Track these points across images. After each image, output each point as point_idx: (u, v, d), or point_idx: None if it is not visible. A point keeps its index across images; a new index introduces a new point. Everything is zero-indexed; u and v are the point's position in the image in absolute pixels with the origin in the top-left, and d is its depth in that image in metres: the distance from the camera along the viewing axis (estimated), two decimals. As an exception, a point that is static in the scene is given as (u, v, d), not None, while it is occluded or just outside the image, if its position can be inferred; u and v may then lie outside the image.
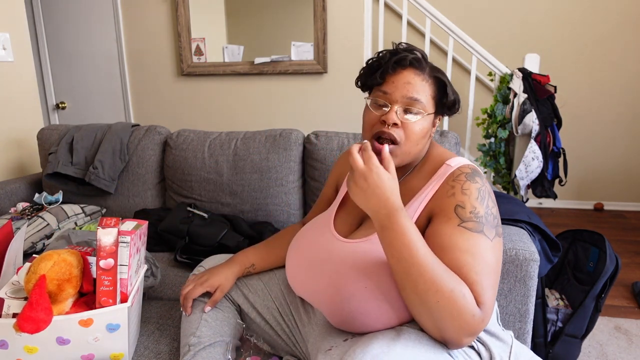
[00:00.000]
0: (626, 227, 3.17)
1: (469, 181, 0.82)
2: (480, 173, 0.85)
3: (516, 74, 2.46)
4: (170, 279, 1.39)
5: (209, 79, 3.06)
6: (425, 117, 0.86)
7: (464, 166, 0.85)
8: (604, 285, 1.44)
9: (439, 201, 0.82)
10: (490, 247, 0.77)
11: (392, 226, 0.72)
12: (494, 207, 0.82)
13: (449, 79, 0.91)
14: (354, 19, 2.79)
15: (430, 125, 0.89)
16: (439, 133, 1.60)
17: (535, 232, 1.24)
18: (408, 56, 0.86)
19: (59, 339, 0.89)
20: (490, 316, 0.73)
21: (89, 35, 3.09)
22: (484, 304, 0.72)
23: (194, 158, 1.73)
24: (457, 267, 0.74)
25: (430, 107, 0.88)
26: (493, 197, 0.84)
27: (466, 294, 0.70)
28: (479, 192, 0.81)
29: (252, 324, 1.05)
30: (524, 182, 2.45)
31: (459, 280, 0.71)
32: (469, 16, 3.52)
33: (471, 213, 0.78)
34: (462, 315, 0.69)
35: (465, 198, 0.80)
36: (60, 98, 3.19)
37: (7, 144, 2.08)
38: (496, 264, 0.77)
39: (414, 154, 0.89)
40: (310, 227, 1.00)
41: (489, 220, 0.79)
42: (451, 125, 3.29)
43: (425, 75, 0.87)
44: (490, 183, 2.55)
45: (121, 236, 0.90)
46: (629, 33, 3.36)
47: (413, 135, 0.85)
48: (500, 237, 0.80)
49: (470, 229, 0.77)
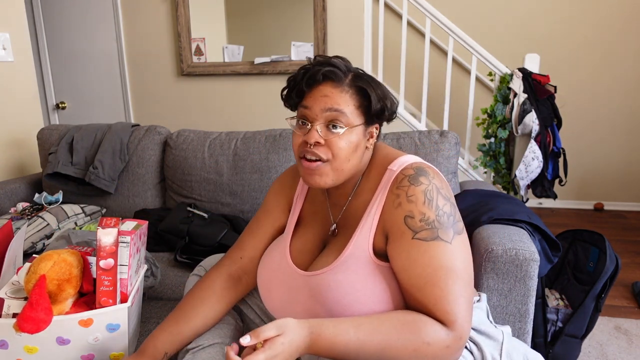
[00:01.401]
0: (626, 227, 3.17)
1: (413, 185, 0.78)
2: (426, 170, 0.80)
3: (516, 74, 2.46)
4: (170, 279, 1.39)
5: (209, 79, 3.06)
6: (350, 130, 0.80)
7: (407, 168, 0.81)
8: (604, 285, 1.44)
9: (389, 215, 0.79)
10: (450, 251, 0.74)
11: (318, 349, 0.70)
12: (445, 204, 0.77)
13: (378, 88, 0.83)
14: (354, 19, 2.78)
15: (362, 136, 0.82)
16: (439, 133, 1.60)
17: (535, 232, 1.24)
18: (320, 70, 0.81)
19: (59, 339, 0.89)
20: (468, 324, 0.72)
21: (89, 35, 3.09)
22: (455, 320, 0.71)
23: (194, 158, 1.73)
24: (420, 286, 0.73)
25: (357, 119, 0.81)
26: (446, 192, 0.79)
27: (431, 340, 0.69)
28: (425, 194, 0.77)
29: (252, 325, 1.05)
30: (524, 182, 2.45)
31: (417, 328, 0.70)
32: (469, 16, 3.52)
33: (421, 221, 0.75)
34: (437, 358, 0.70)
35: (412, 206, 0.76)
36: (60, 98, 3.19)
37: (7, 144, 2.08)
38: (462, 266, 0.74)
39: (348, 170, 0.82)
40: (268, 259, 0.92)
41: (443, 222, 0.75)
42: (451, 125, 3.29)
43: (344, 86, 0.81)
44: (490, 182, 2.56)
45: (121, 236, 0.90)
46: (629, 33, 3.36)
47: (340, 151, 0.79)
48: (460, 234, 0.77)
49: (425, 239, 0.74)
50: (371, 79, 0.84)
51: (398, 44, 2.91)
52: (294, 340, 0.69)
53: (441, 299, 0.71)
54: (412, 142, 1.59)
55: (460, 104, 3.37)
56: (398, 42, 2.92)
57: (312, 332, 0.71)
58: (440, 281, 0.72)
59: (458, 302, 0.71)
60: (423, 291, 0.73)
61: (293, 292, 0.85)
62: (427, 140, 1.59)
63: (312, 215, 0.95)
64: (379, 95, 0.83)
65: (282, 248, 0.91)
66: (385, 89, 0.85)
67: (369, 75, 0.86)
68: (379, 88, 0.84)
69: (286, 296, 0.86)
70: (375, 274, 0.78)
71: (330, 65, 0.82)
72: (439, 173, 0.83)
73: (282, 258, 0.90)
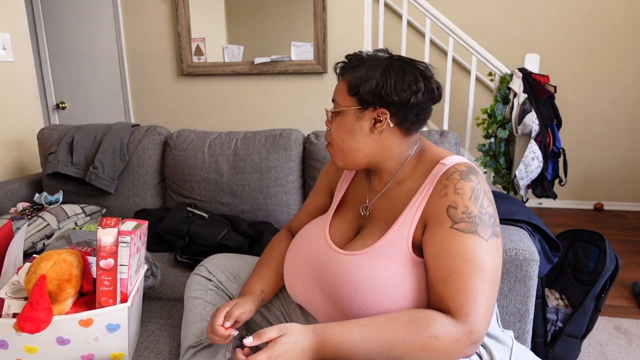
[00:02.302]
0: (626, 227, 3.17)
1: (463, 180, 0.79)
2: (477, 171, 0.82)
3: (516, 74, 2.46)
4: (170, 279, 1.39)
5: (209, 79, 3.06)
6: (341, 113, 0.87)
7: (460, 164, 0.82)
8: (604, 285, 1.44)
9: (432, 204, 0.80)
10: (484, 248, 0.74)
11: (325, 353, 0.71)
12: (489, 206, 0.79)
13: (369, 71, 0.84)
14: (354, 19, 2.78)
15: (354, 119, 0.85)
16: (439, 133, 1.60)
17: (535, 232, 1.24)
18: (336, 66, 0.91)
19: (59, 339, 0.89)
20: (484, 321, 0.71)
21: (89, 35, 3.09)
22: (468, 314, 0.70)
23: (194, 158, 1.73)
24: (445, 276, 0.73)
25: (348, 102, 0.86)
26: (490, 196, 0.81)
27: (439, 334, 0.69)
28: (472, 191, 0.78)
29: (253, 323, 1.05)
30: (524, 182, 2.45)
31: (424, 324, 0.70)
32: (469, 16, 3.52)
33: (463, 213, 0.76)
34: (448, 353, 0.69)
35: (458, 198, 0.77)
36: (60, 98, 3.19)
37: (7, 144, 2.08)
38: (492, 266, 0.74)
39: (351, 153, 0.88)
40: (305, 234, 0.97)
41: (484, 220, 0.76)
42: (451, 125, 3.29)
43: (343, 77, 0.89)
44: (490, 182, 2.56)
45: (121, 236, 0.90)
46: (629, 33, 3.36)
47: (334, 132, 0.89)
48: (498, 238, 0.78)
49: (463, 230, 0.75)
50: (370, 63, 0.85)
51: (398, 44, 2.91)
52: (298, 342, 0.70)
53: (460, 292, 0.71)
54: (412, 142, 1.58)
55: (460, 104, 3.38)
56: (398, 42, 2.92)
57: (317, 335, 0.71)
58: (465, 274, 0.72)
59: (476, 298, 0.71)
60: (446, 282, 0.73)
61: (321, 268, 0.86)
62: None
63: (353, 198, 0.98)
64: (359, 76, 0.84)
65: (321, 224, 0.95)
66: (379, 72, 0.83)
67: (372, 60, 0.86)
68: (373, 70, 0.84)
69: (312, 272, 0.88)
70: (409, 266, 0.79)
71: (343, 61, 0.90)
72: (485, 180, 0.84)
73: (320, 234, 0.92)
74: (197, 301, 1.02)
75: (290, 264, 0.96)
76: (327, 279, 0.84)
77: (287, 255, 0.98)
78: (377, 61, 0.85)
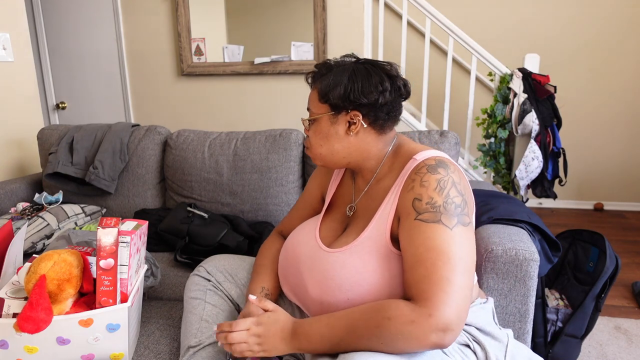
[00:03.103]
0: (626, 227, 3.17)
1: (430, 173, 0.81)
2: (447, 164, 0.82)
3: (516, 74, 2.46)
4: (170, 279, 1.39)
5: (209, 79, 3.06)
6: (316, 121, 0.92)
7: (430, 158, 0.84)
8: (604, 285, 1.44)
9: (402, 199, 0.83)
10: (449, 236, 0.74)
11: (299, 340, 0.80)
12: (457, 196, 0.79)
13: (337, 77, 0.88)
14: (354, 19, 2.78)
15: (329, 124, 0.90)
16: (439, 133, 1.60)
17: (535, 232, 1.24)
18: (307, 76, 0.96)
19: (59, 339, 0.89)
20: (449, 308, 0.69)
21: (89, 35, 3.09)
22: (429, 298, 0.69)
23: (194, 158, 1.73)
24: (412, 264, 0.75)
25: (321, 109, 0.91)
26: (461, 187, 0.81)
27: (392, 315, 0.71)
28: (438, 182, 0.79)
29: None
30: (524, 182, 2.45)
31: (380, 307, 0.73)
32: (469, 16, 3.52)
33: (427, 204, 0.78)
34: (404, 334, 0.69)
35: (423, 190, 0.79)
36: (60, 98, 3.19)
37: (7, 144, 2.08)
38: (459, 254, 0.73)
39: (330, 155, 0.92)
40: (298, 234, 1.00)
41: (449, 210, 0.77)
42: (451, 125, 3.30)
43: (314, 85, 0.93)
44: (490, 182, 2.56)
45: (121, 236, 0.90)
46: (629, 33, 3.36)
47: (310, 139, 0.94)
48: (465, 226, 0.77)
49: (426, 220, 0.76)
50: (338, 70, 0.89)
51: (398, 44, 2.92)
52: (279, 320, 0.83)
53: (423, 278, 0.72)
54: (412, 142, 1.58)
55: (460, 104, 3.38)
56: (398, 42, 2.92)
57: (295, 322, 0.82)
58: (428, 261, 0.73)
59: (440, 284, 0.70)
60: (412, 270, 0.74)
61: (310, 266, 0.90)
62: (427, 140, 1.59)
63: (341, 198, 1.03)
64: (328, 83, 0.89)
65: (313, 225, 0.98)
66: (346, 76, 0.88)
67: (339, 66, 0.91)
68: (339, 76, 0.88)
69: (303, 269, 0.91)
70: (388, 260, 0.81)
71: (313, 70, 0.95)
72: (460, 170, 0.85)
73: (310, 233, 0.95)
74: (197, 301, 1.03)
75: (283, 264, 0.99)
76: (314, 277, 0.87)
77: (281, 255, 1.01)
78: (344, 67, 0.90)
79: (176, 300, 1.31)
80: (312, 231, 0.96)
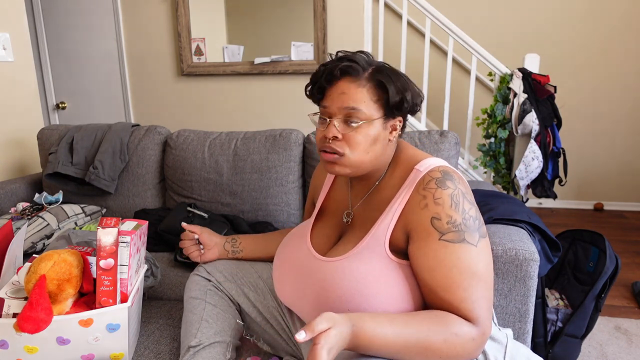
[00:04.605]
0: (626, 227, 3.17)
1: (440, 188, 0.79)
2: (451, 174, 0.81)
3: (516, 74, 2.46)
4: (170, 279, 1.39)
5: (209, 79, 3.06)
6: (368, 123, 0.82)
7: (434, 170, 0.82)
8: (604, 285, 1.44)
9: (413, 215, 0.80)
10: (476, 253, 0.76)
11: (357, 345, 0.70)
12: (471, 208, 0.80)
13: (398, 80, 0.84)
14: (354, 19, 2.78)
15: (381, 129, 0.84)
16: (439, 133, 1.60)
17: (535, 232, 1.24)
18: (338, 65, 0.84)
19: (59, 339, 0.89)
20: (489, 322, 0.75)
21: (89, 36, 3.09)
22: (477, 318, 0.74)
23: (194, 158, 1.73)
24: (446, 286, 0.75)
25: (375, 112, 0.83)
26: (469, 196, 0.81)
27: (458, 331, 0.72)
28: (451, 198, 0.78)
29: (252, 323, 1.05)
30: (524, 182, 2.45)
31: (445, 322, 0.73)
32: (469, 16, 3.52)
33: (448, 223, 0.77)
34: (465, 350, 0.72)
35: (439, 208, 0.78)
36: (60, 98, 3.19)
37: (7, 144, 2.08)
38: (485, 269, 0.77)
39: (369, 161, 0.85)
40: (288, 241, 0.98)
41: (469, 225, 0.77)
42: (451, 125, 3.29)
43: (362, 81, 0.83)
44: (489, 182, 2.56)
45: (121, 236, 0.90)
46: (629, 33, 3.36)
47: (357, 145, 0.83)
48: (485, 237, 0.79)
49: (452, 241, 0.76)
50: (392, 72, 0.85)
51: (398, 44, 2.91)
52: (343, 332, 0.69)
53: (465, 300, 0.74)
54: (412, 142, 1.59)
55: (460, 104, 3.38)
56: (398, 42, 2.92)
57: (354, 325, 0.70)
58: (465, 282, 0.75)
59: (480, 304, 0.75)
60: (449, 292, 0.75)
61: (306, 275, 0.87)
62: (427, 140, 1.59)
63: (334, 204, 0.99)
64: (397, 88, 0.84)
65: (304, 231, 0.96)
66: (405, 81, 0.86)
67: (391, 68, 0.87)
68: (399, 81, 0.85)
69: (299, 279, 0.89)
70: (391, 269, 0.80)
71: (348, 60, 0.84)
72: (463, 178, 0.85)
73: (302, 240, 0.93)
74: (197, 301, 1.02)
75: (277, 271, 0.97)
76: (312, 286, 0.85)
77: (275, 262, 0.99)
78: (389, 68, 0.86)
79: (176, 300, 1.31)
80: (303, 239, 0.93)
